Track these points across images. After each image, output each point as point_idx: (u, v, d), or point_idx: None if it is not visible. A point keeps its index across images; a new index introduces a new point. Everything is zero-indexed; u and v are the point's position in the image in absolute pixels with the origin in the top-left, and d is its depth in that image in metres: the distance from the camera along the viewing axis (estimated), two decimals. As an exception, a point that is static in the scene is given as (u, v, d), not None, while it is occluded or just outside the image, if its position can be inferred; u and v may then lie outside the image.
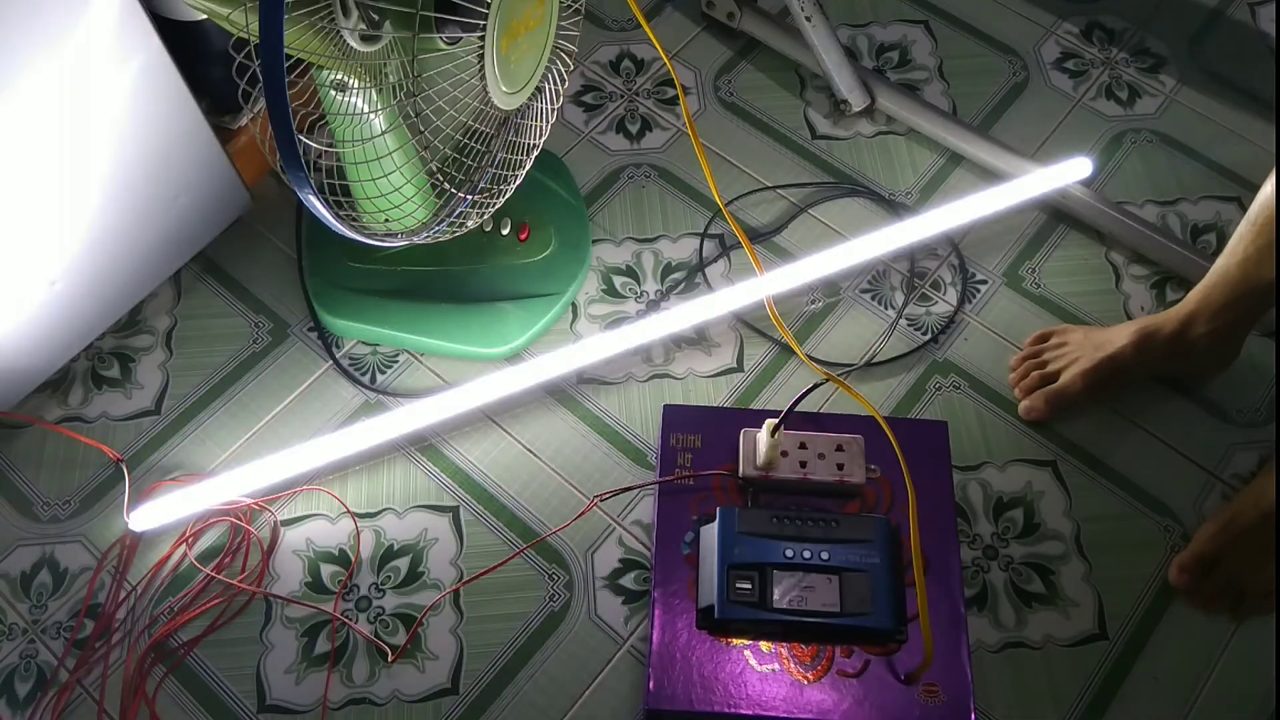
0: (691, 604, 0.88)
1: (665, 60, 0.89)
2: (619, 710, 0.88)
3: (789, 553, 0.86)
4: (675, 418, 0.97)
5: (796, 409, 0.87)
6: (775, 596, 0.84)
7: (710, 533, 0.88)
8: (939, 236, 1.10)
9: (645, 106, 1.20)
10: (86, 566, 0.94)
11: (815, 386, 0.89)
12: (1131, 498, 0.97)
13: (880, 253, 1.09)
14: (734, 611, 0.84)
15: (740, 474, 0.92)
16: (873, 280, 1.09)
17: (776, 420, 0.89)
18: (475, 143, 0.87)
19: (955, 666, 0.85)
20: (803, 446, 0.92)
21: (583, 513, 0.96)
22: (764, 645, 0.86)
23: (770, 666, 0.86)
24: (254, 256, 1.10)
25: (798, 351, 0.98)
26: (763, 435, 0.91)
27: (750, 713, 0.84)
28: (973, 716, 0.84)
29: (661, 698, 0.85)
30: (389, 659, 0.90)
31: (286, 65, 0.68)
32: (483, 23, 0.76)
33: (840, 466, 0.91)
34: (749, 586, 0.85)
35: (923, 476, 0.93)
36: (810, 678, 0.85)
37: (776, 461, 0.91)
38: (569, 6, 0.88)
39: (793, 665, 0.86)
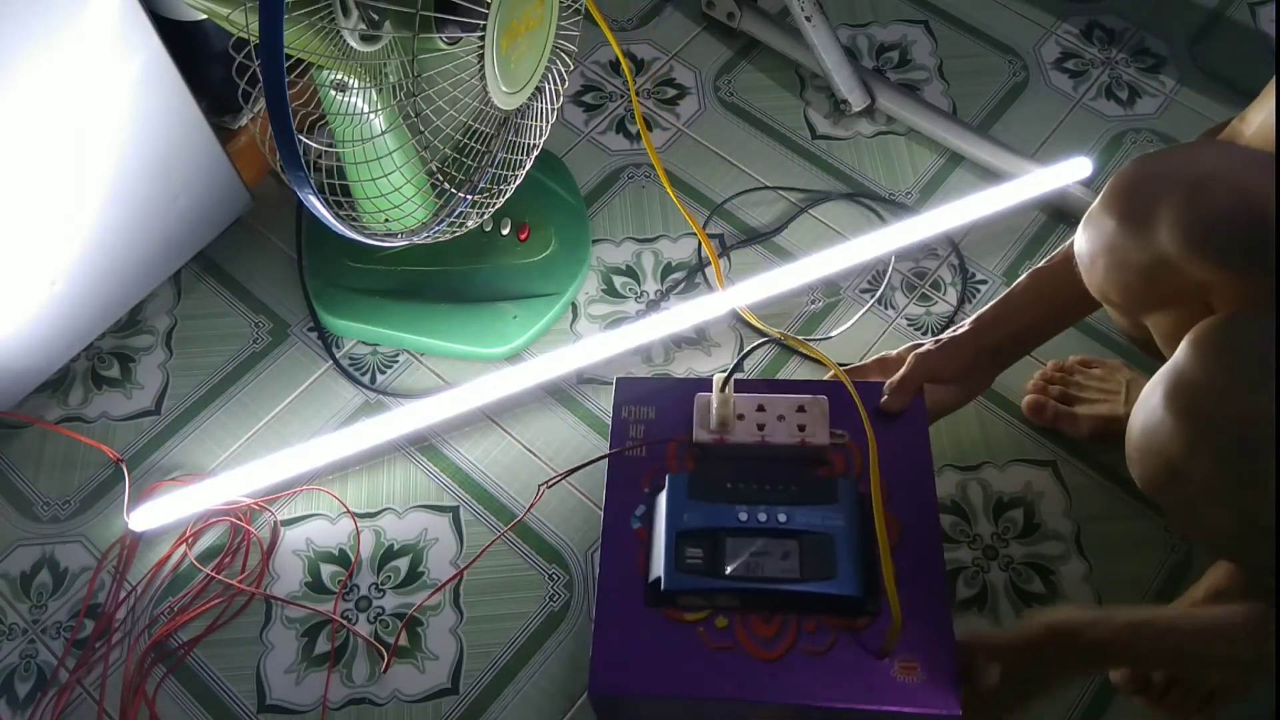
0: (641, 580, 0.81)
1: (619, 54, 0.88)
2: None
3: (743, 516, 0.79)
4: (628, 390, 0.90)
5: (764, 379, 0.81)
6: (728, 563, 0.78)
7: (660, 502, 0.82)
8: (939, 236, 1.10)
9: (645, 106, 1.20)
10: (86, 566, 0.94)
11: (764, 342, 0.84)
12: (1130, 498, 0.97)
13: (880, 253, 1.09)
14: (682, 581, 0.77)
15: (694, 439, 0.85)
16: (873, 280, 1.09)
17: (725, 375, 0.84)
18: (475, 143, 0.87)
19: (936, 641, 0.77)
20: (761, 409, 0.85)
21: (533, 503, 0.95)
22: (719, 621, 0.79)
23: (726, 644, 0.78)
24: (254, 256, 1.10)
25: (752, 320, 0.98)
26: (714, 392, 0.85)
27: (704, 695, 0.77)
28: (956, 695, 0.76)
29: (605, 682, 0.77)
30: (383, 666, 0.90)
31: (286, 65, 0.68)
32: (483, 23, 0.76)
33: (801, 428, 0.84)
34: (699, 554, 0.78)
35: (896, 440, 0.85)
36: (771, 656, 0.77)
37: (731, 423, 0.85)
38: (569, 6, 0.88)
39: (751, 643, 0.78)
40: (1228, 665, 0.78)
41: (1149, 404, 0.65)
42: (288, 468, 0.96)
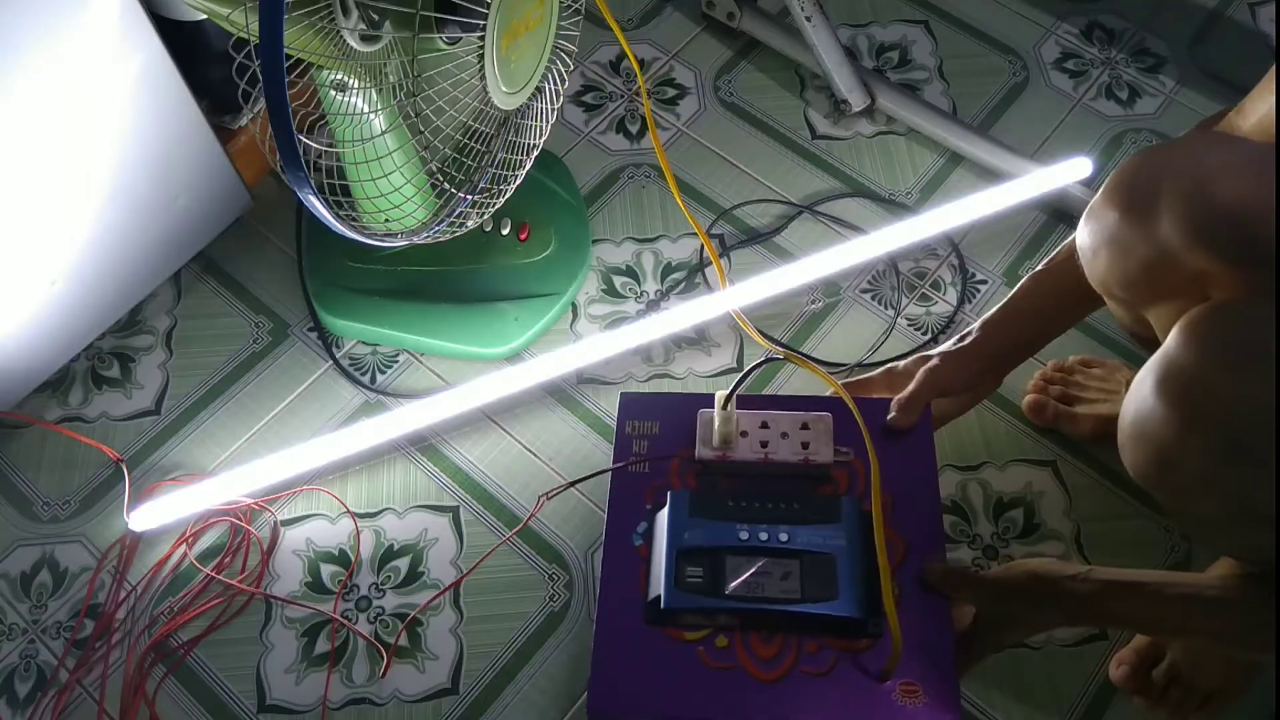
0: (642, 599, 0.81)
1: (627, 44, 0.88)
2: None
3: (744, 535, 0.79)
4: (632, 405, 0.91)
5: (769, 395, 0.82)
6: (728, 582, 0.77)
7: (662, 519, 0.82)
8: (939, 236, 1.10)
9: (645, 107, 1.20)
10: (86, 566, 0.94)
11: (766, 361, 0.85)
12: (1131, 497, 0.97)
13: (880, 253, 1.09)
14: (682, 600, 0.77)
15: (696, 455, 0.85)
16: (873, 280, 1.09)
17: (727, 392, 0.84)
18: (475, 143, 0.87)
19: (939, 664, 0.77)
20: (764, 426, 0.85)
21: (532, 514, 0.95)
22: (719, 641, 0.78)
23: (726, 664, 0.77)
24: (254, 256, 1.10)
25: (753, 334, 0.98)
26: (716, 410, 0.85)
27: (702, 716, 0.76)
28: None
29: (605, 701, 0.78)
30: (382, 670, 0.89)
31: (286, 65, 0.68)
32: (483, 23, 0.76)
33: (805, 446, 0.84)
34: (700, 572, 0.78)
35: (901, 457, 0.85)
36: (771, 677, 0.77)
37: (734, 440, 0.85)
38: (569, 6, 0.88)
39: (752, 663, 0.78)
40: (1205, 637, 0.79)
41: (1140, 392, 0.66)
42: (288, 468, 0.96)
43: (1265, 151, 0.66)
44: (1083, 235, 0.73)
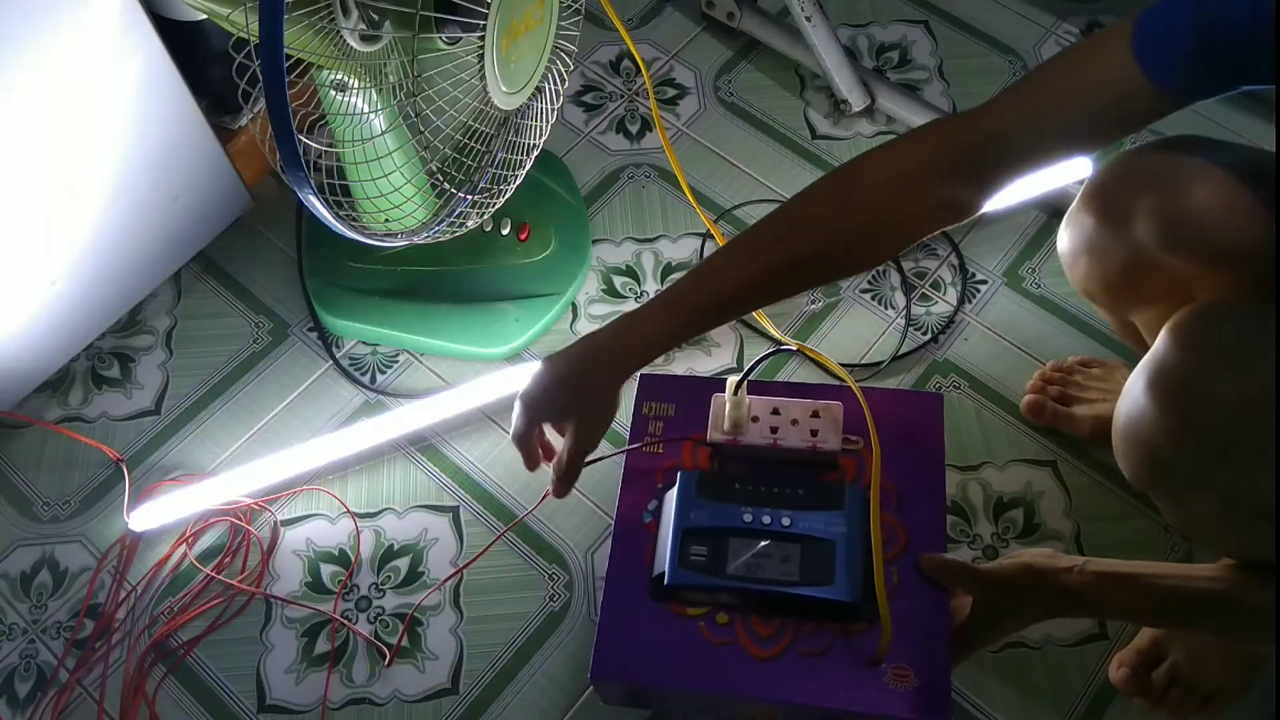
0: (648, 573, 0.82)
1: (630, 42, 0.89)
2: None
3: (748, 518, 0.80)
4: (650, 387, 0.91)
5: (783, 383, 0.83)
6: (729, 563, 0.79)
7: (670, 498, 0.83)
8: (939, 236, 1.10)
9: (645, 106, 1.20)
10: (86, 566, 0.94)
11: (776, 351, 0.86)
12: (1130, 498, 0.97)
13: (880, 253, 1.08)
14: (685, 577, 0.79)
15: (708, 439, 0.86)
16: (873, 280, 1.09)
17: (738, 379, 0.85)
18: (475, 143, 0.87)
19: (931, 649, 0.77)
20: (775, 412, 0.86)
21: (546, 494, 0.94)
22: (720, 618, 0.80)
23: (726, 640, 0.79)
24: (254, 256, 1.10)
25: (768, 325, 0.98)
26: (727, 395, 0.86)
27: (699, 688, 0.78)
28: (947, 704, 0.77)
29: (607, 667, 0.79)
30: (386, 661, 0.90)
31: (286, 65, 0.68)
32: (483, 23, 0.76)
33: (814, 433, 0.85)
34: (703, 551, 0.80)
35: (909, 448, 0.85)
36: (768, 654, 0.78)
37: (745, 425, 0.86)
38: (569, 6, 0.88)
39: (750, 640, 0.79)
40: (1200, 627, 0.79)
41: (1131, 395, 0.66)
42: (288, 468, 0.96)
43: (1241, 155, 0.67)
44: (1062, 241, 0.73)
